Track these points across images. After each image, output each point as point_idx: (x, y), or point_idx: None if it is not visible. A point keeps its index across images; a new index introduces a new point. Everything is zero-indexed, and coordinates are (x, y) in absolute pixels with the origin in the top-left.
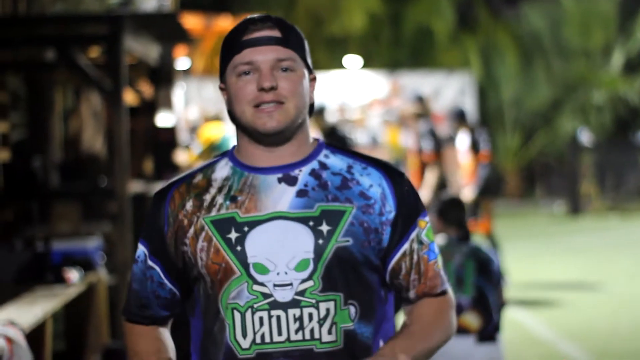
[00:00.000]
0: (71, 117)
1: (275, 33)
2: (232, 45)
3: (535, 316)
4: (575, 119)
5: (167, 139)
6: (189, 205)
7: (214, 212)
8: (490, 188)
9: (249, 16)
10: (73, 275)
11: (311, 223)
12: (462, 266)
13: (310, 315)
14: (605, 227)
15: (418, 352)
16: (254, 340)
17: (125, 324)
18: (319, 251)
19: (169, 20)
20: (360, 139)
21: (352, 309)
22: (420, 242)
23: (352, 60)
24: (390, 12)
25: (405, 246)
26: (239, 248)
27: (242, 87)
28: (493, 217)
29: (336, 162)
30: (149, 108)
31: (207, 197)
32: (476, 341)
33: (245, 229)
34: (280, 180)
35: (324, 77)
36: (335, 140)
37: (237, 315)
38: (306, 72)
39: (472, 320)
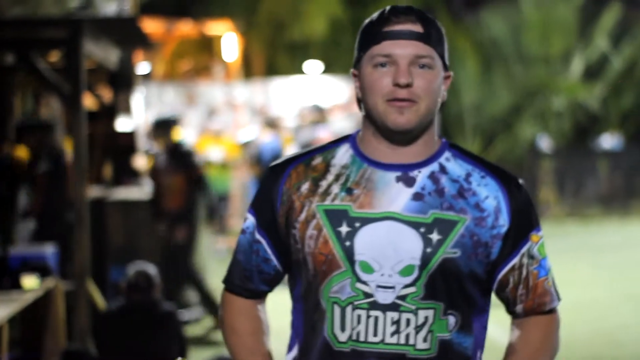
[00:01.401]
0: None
1: (417, 28)
2: (371, 34)
3: (492, 320)
4: (535, 125)
5: (126, 144)
6: (304, 187)
7: (328, 201)
8: None
9: (391, 5)
10: (31, 280)
11: (422, 229)
12: None
13: (408, 321)
14: (564, 232)
15: None
16: (350, 337)
17: (224, 295)
18: (425, 259)
19: (128, 24)
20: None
21: (452, 319)
22: (531, 257)
23: (313, 66)
24: (351, 17)
25: (515, 260)
26: (348, 243)
27: (377, 79)
28: None
29: (456, 167)
30: (108, 113)
31: (324, 184)
32: None
33: (357, 224)
34: (398, 179)
35: (284, 83)
36: (179, 156)
37: (337, 310)
38: (442, 71)
39: None
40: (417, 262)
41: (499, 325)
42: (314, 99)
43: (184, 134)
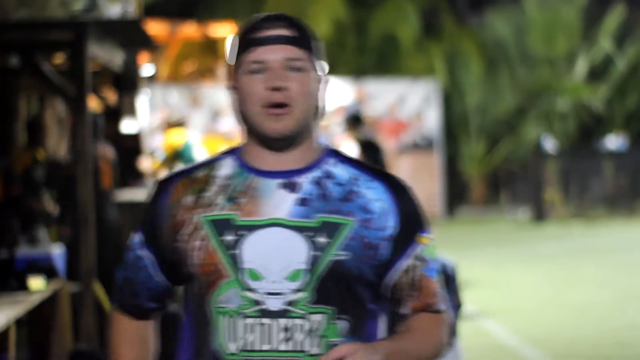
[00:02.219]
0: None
1: (288, 32)
2: (243, 42)
3: (499, 322)
4: (539, 126)
5: (131, 146)
6: (189, 200)
7: (212, 212)
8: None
9: (263, 14)
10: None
11: (309, 233)
12: None
13: (300, 327)
14: (569, 234)
15: (401, 356)
16: (241, 347)
17: (113, 314)
18: (313, 263)
19: (133, 26)
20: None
21: (343, 324)
22: (421, 259)
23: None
24: (355, 19)
25: (406, 262)
26: (234, 252)
27: (251, 86)
28: None
29: (341, 172)
30: (113, 115)
31: (208, 195)
32: None
33: (243, 232)
34: (282, 186)
35: None
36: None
37: (226, 320)
38: (317, 74)
39: None
40: (305, 267)
41: (504, 327)
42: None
43: (188, 135)
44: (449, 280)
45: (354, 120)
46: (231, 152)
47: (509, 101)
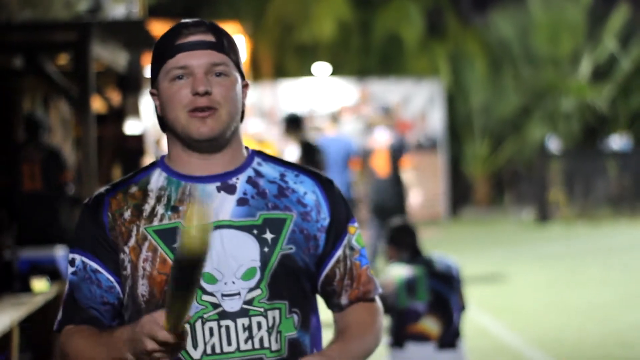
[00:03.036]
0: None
1: (209, 37)
2: (165, 49)
3: (503, 323)
4: (543, 127)
5: (135, 146)
6: (127, 214)
7: (156, 222)
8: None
9: (181, 21)
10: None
11: (255, 231)
12: (411, 275)
13: (259, 324)
14: (574, 234)
15: (353, 356)
16: (204, 351)
17: (62, 334)
18: (264, 259)
19: (137, 27)
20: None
21: (296, 317)
22: (352, 248)
23: (321, 68)
24: (359, 19)
25: (339, 252)
26: None
27: (175, 92)
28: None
29: (269, 170)
30: (117, 115)
31: (147, 207)
32: (436, 348)
33: None
34: (219, 189)
35: (293, 85)
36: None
37: (187, 327)
38: (239, 78)
39: (431, 325)
40: (258, 264)
41: (508, 327)
42: (322, 101)
43: None
44: (454, 281)
45: (292, 123)
46: (153, 165)
47: (513, 101)
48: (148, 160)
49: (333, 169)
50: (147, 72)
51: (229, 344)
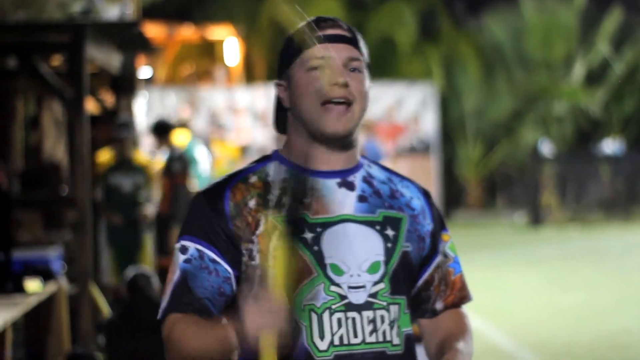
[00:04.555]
0: (32, 126)
1: (346, 33)
2: (302, 39)
3: (496, 326)
4: (536, 130)
5: None
6: (252, 203)
7: (284, 212)
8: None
9: (316, 16)
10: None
11: (377, 227)
12: None
13: (382, 318)
14: (566, 237)
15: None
16: (332, 342)
17: (170, 320)
18: (388, 254)
19: (131, 29)
20: None
21: (409, 314)
22: (446, 255)
23: None
24: (352, 22)
25: (438, 258)
26: (315, 248)
27: (311, 81)
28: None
29: (378, 173)
30: (110, 117)
31: (272, 197)
32: None
33: (319, 229)
34: (340, 185)
35: None
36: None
37: (314, 317)
38: (368, 77)
39: None
40: (382, 258)
41: (501, 330)
42: None
43: (191, 136)
44: None
45: (160, 130)
46: (269, 158)
47: (506, 105)
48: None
49: None
50: (141, 74)
51: (355, 335)
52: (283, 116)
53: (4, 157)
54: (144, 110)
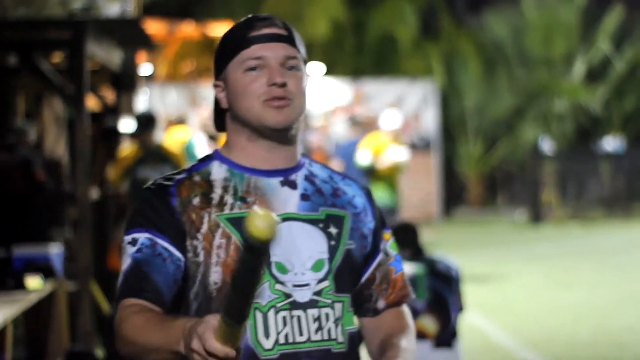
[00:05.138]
0: (33, 122)
1: (282, 31)
2: (238, 40)
3: (496, 323)
4: (537, 128)
5: None
6: (196, 201)
7: (227, 211)
8: None
9: (252, 15)
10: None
11: (321, 225)
12: (412, 272)
13: (327, 316)
14: (566, 235)
15: (413, 357)
16: (277, 341)
17: (123, 307)
18: (332, 252)
19: (131, 25)
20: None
21: (352, 313)
22: (387, 254)
23: (316, 68)
24: (353, 19)
25: (379, 257)
26: None
27: (250, 82)
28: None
29: (319, 171)
30: (111, 113)
31: (215, 196)
32: (433, 346)
33: None
34: (282, 184)
35: None
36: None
37: (259, 315)
38: (306, 75)
39: (428, 324)
40: (326, 255)
41: (501, 328)
42: (316, 101)
43: (190, 133)
44: (453, 282)
45: (144, 122)
46: (210, 158)
47: (506, 102)
48: None
49: (353, 171)
50: (142, 71)
51: (301, 334)
52: (222, 116)
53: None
54: (144, 107)
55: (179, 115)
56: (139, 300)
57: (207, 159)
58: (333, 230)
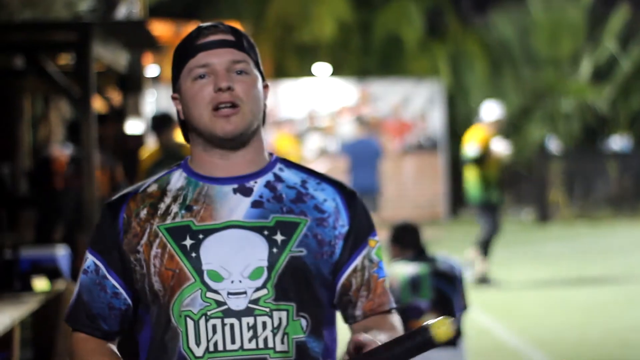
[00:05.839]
0: (40, 124)
1: (229, 37)
2: (185, 50)
3: (503, 323)
4: (543, 127)
5: (136, 147)
6: (143, 213)
7: (168, 220)
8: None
9: (200, 24)
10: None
11: (266, 232)
12: (415, 272)
13: (264, 324)
14: (574, 234)
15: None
16: (207, 349)
17: (73, 335)
18: (272, 260)
19: (138, 27)
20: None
21: (304, 322)
22: (371, 260)
23: (322, 68)
24: (359, 19)
25: (357, 262)
26: (193, 254)
27: (198, 91)
28: None
29: (291, 176)
30: (117, 115)
31: (162, 206)
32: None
33: (200, 236)
34: (235, 191)
35: (293, 85)
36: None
37: (190, 323)
38: (260, 78)
39: None
40: (265, 263)
41: (508, 328)
42: (322, 102)
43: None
44: (456, 281)
45: (160, 122)
46: (178, 166)
47: (513, 102)
48: None
49: (362, 168)
50: (148, 72)
51: (233, 342)
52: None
53: (11, 156)
54: (151, 108)
55: None
56: (83, 335)
57: (176, 167)
58: (279, 237)
